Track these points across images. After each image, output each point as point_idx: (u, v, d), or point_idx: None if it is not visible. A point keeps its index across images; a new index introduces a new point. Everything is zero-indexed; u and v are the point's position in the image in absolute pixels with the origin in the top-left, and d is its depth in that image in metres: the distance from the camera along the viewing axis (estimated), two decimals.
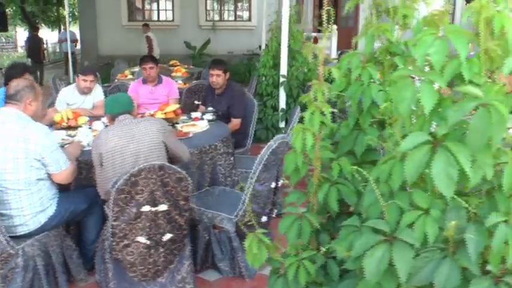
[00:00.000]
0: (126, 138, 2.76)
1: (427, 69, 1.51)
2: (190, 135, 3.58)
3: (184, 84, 6.50)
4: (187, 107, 5.08)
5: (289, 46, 6.01)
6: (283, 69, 6.02)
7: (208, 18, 13.75)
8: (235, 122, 4.45)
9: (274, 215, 3.19)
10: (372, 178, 1.62)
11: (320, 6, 15.53)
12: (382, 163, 1.58)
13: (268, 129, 6.21)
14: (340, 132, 2.06)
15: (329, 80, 1.99)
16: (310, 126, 1.85)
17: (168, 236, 2.65)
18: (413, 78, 1.49)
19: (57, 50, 22.26)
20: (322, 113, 1.88)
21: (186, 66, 9.52)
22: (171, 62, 9.41)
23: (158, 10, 14.02)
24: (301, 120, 1.94)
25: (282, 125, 6.33)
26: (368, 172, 1.64)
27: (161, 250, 2.68)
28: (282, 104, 6.19)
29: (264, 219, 3.01)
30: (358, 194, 1.79)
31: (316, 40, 13.48)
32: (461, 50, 1.42)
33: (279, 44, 6.00)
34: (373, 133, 1.87)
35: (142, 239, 2.59)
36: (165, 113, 3.71)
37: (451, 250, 1.46)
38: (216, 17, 13.89)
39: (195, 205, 3.11)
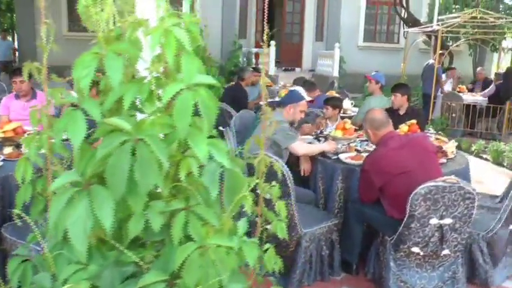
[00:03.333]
0: None
1: None
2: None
3: None
4: None
5: None
6: None
7: None
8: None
9: None
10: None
11: (263, 21, 15.41)
12: None
13: None
14: None
15: None
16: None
17: None
18: None
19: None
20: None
21: None
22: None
23: None
24: None
25: None
26: None
27: None
28: None
29: None
30: None
31: (257, 56, 13.34)
32: (112, 74, 1.17)
33: None
34: None
35: None
36: (3, 132, 3.40)
37: None
38: None
39: (8, 235, 2.82)
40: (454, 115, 9.16)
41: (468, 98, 9.43)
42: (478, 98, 9.37)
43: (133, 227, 1.19)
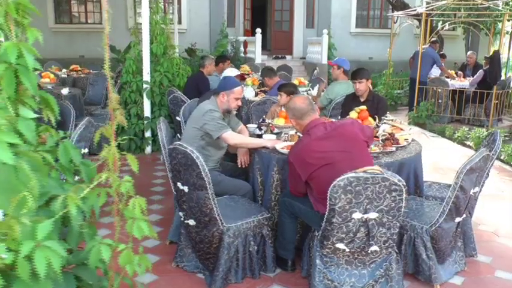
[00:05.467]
0: None
1: None
2: None
3: None
4: None
5: (151, 50, 5.63)
6: (146, 75, 5.62)
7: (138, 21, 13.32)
8: None
9: None
10: None
11: (252, 9, 15.16)
12: None
13: (131, 138, 5.79)
14: None
15: None
16: None
17: None
18: None
19: None
20: None
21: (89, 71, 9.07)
22: (71, 67, 8.95)
23: (86, 12, 13.53)
24: None
25: (147, 134, 5.92)
26: None
27: None
28: (147, 112, 5.79)
29: None
30: None
31: (246, 44, 13.12)
32: None
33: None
34: None
35: None
36: None
37: None
38: None
39: None
40: (440, 101, 8.89)
41: (455, 83, 9.13)
42: (465, 84, 9.07)
43: None
